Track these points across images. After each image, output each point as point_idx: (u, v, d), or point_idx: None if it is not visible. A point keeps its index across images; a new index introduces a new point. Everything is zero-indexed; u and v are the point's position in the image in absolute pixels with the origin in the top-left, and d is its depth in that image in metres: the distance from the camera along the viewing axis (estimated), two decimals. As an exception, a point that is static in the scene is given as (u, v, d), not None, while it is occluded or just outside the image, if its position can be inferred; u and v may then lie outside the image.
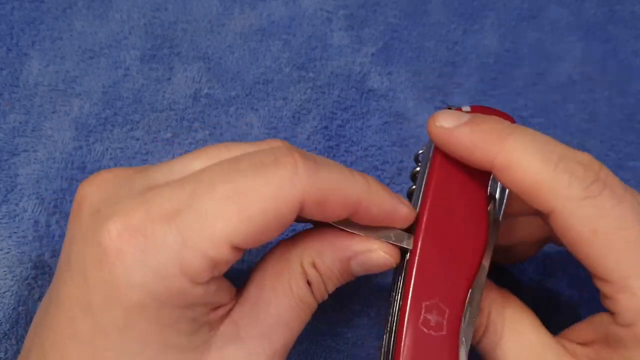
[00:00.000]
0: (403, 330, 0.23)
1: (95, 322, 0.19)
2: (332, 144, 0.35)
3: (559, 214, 0.22)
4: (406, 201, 0.24)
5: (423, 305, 0.23)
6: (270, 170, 0.20)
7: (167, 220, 0.19)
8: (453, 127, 0.23)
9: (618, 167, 0.36)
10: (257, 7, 0.37)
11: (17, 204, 0.32)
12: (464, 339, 0.23)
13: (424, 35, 0.38)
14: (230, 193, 0.19)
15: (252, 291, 0.23)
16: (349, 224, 0.23)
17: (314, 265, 0.23)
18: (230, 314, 0.22)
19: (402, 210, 0.23)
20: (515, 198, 0.25)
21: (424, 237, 0.24)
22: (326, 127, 0.35)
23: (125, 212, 0.19)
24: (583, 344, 0.24)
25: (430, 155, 0.25)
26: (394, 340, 0.23)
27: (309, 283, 0.23)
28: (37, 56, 0.35)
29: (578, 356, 0.23)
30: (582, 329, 0.25)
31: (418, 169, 0.26)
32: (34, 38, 0.35)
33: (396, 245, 0.24)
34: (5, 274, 0.31)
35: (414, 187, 0.26)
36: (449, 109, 0.26)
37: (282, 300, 0.22)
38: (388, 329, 0.24)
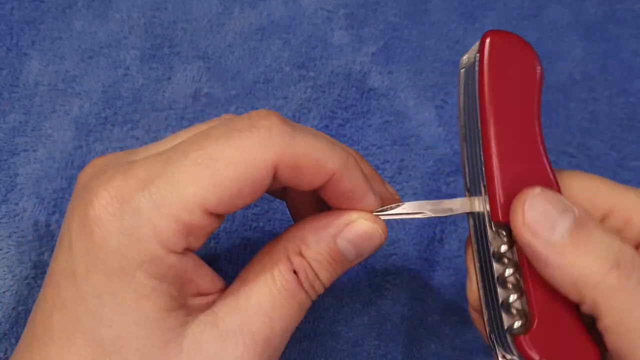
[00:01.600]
0: (530, 289, 0.21)
1: (78, 290, 0.20)
2: (332, 144, 0.35)
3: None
4: (375, 190, 0.23)
5: None
6: (244, 134, 0.20)
7: (142, 187, 0.20)
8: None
9: (619, 167, 0.36)
10: (257, 7, 0.37)
11: (16, 204, 0.32)
12: None
13: (424, 34, 0.38)
14: (202, 159, 0.20)
15: (236, 285, 0.22)
16: None
17: (300, 253, 0.22)
18: (212, 306, 0.22)
19: (369, 199, 0.23)
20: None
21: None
22: (326, 127, 0.35)
23: (106, 182, 0.20)
24: None
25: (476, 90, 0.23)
26: (520, 302, 0.22)
27: (295, 273, 0.22)
28: (37, 56, 0.35)
29: None
30: None
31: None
32: (34, 38, 0.35)
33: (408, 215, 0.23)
34: (5, 274, 0.30)
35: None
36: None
37: (264, 290, 0.22)
38: (493, 298, 0.23)
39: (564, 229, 0.20)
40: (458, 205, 0.24)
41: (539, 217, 0.20)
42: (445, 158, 0.35)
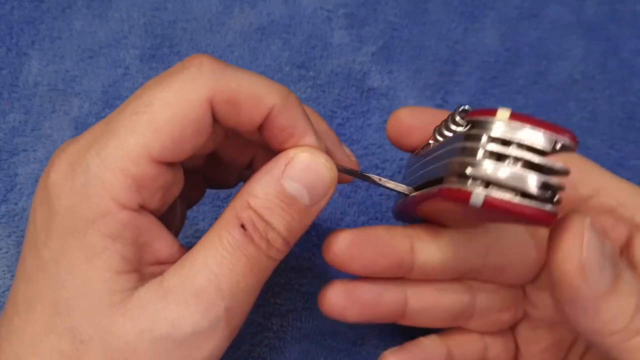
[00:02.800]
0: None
1: (38, 257, 0.20)
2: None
3: None
4: (316, 133, 0.23)
5: None
6: (174, 76, 0.20)
7: (89, 147, 0.20)
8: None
9: (619, 166, 0.36)
10: (257, 6, 0.37)
11: (16, 204, 0.32)
12: None
13: (424, 33, 0.38)
14: (138, 108, 0.20)
15: (189, 251, 0.22)
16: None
17: (248, 206, 0.21)
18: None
19: (310, 137, 0.22)
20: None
21: None
22: (326, 126, 0.35)
23: (60, 152, 0.21)
24: None
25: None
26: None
27: (243, 227, 0.21)
28: (36, 56, 0.35)
29: None
30: None
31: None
32: (34, 38, 0.35)
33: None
34: (5, 273, 0.30)
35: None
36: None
37: (210, 249, 0.21)
38: None
39: (610, 277, 0.19)
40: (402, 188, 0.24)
41: (595, 259, 0.18)
42: (445, 157, 0.35)
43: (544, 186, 0.17)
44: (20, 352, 0.20)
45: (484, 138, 0.18)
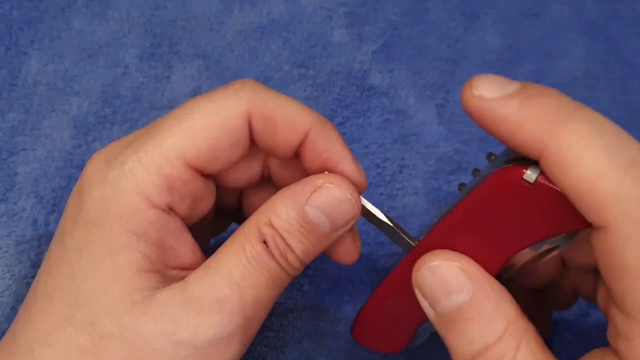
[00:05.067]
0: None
1: (63, 248, 0.20)
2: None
3: (612, 233, 0.17)
4: (359, 165, 0.23)
5: None
6: (218, 91, 0.21)
7: (128, 145, 0.21)
8: (497, 98, 0.19)
9: (621, 165, 0.35)
10: (256, 5, 0.37)
11: (15, 203, 0.32)
12: None
13: (424, 32, 0.37)
14: (180, 114, 0.21)
15: (210, 258, 0.22)
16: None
17: (270, 224, 0.21)
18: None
19: (347, 163, 0.22)
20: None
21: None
22: (326, 125, 0.35)
23: (101, 151, 0.22)
24: None
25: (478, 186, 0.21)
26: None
27: (265, 243, 0.21)
28: (36, 55, 0.35)
29: None
30: None
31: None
32: (33, 37, 0.35)
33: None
34: (4, 273, 0.30)
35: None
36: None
37: (233, 260, 0.21)
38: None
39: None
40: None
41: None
42: (446, 157, 0.35)
43: None
44: (34, 342, 0.20)
45: None
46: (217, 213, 0.26)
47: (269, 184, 0.26)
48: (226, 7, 0.37)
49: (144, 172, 0.20)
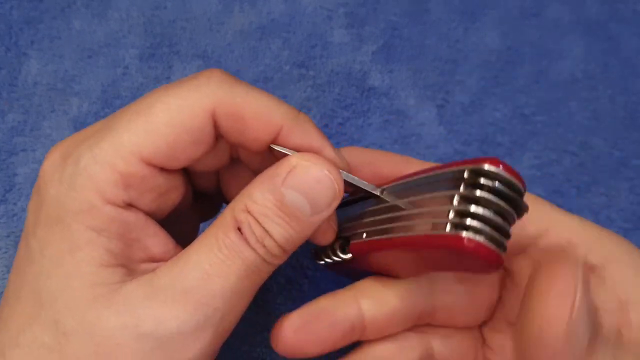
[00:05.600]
0: None
1: (27, 247, 0.20)
2: (332, 142, 0.34)
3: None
4: (334, 149, 0.22)
5: None
6: (182, 84, 0.20)
7: (84, 141, 0.20)
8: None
9: (621, 165, 0.35)
10: (256, 5, 0.37)
11: (15, 203, 0.31)
12: None
13: (424, 33, 0.37)
14: (139, 108, 0.20)
15: (183, 251, 0.21)
16: None
17: (246, 209, 0.20)
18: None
19: (328, 152, 0.22)
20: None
21: None
22: (326, 125, 0.35)
23: (58, 144, 0.21)
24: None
25: None
26: None
27: (240, 231, 0.20)
28: (35, 55, 0.35)
29: None
30: None
31: None
32: (33, 37, 0.35)
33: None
34: (4, 274, 0.30)
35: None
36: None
37: (204, 249, 0.20)
38: None
39: (587, 334, 0.19)
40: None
41: (582, 321, 0.18)
42: (446, 157, 0.35)
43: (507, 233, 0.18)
44: (5, 343, 0.20)
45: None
46: (201, 197, 0.25)
47: (243, 165, 0.25)
48: (226, 7, 0.37)
49: (98, 169, 0.19)
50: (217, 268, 0.20)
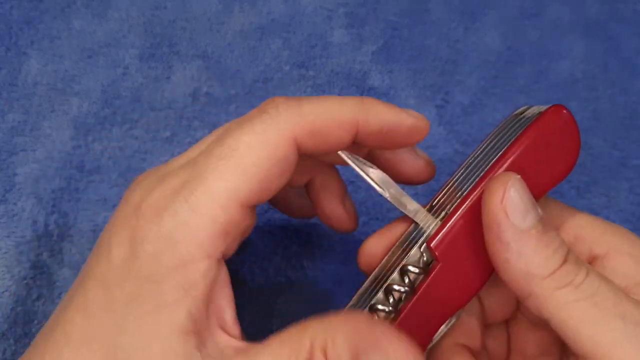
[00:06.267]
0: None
1: (109, 296, 0.20)
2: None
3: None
4: (412, 111, 0.23)
5: None
6: (255, 120, 0.20)
7: (176, 193, 0.20)
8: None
9: (621, 165, 0.35)
10: (256, 5, 0.37)
11: (15, 204, 0.31)
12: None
13: (424, 33, 0.37)
14: (224, 153, 0.20)
15: (254, 352, 0.20)
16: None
17: (324, 348, 0.19)
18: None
19: (407, 120, 0.22)
20: None
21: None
22: (326, 126, 0.35)
23: (146, 195, 0.20)
24: None
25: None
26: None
27: None
28: (35, 55, 0.35)
29: None
30: None
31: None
32: (33, 37, 0.35)
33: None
34: (4, 274, 0.30)
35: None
36: (527, 109, 0.24)
37: None
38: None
39: (532, 221, 0.21)
40: (412, 208, 0.24)
41: (517, 202, 0.21)
42: (445, 158, 0.35)
43: None
44: None
45: None
46: None
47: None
48: (226, 7, 0.37)
49: (199, 222, 0.19)
50: None
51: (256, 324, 0.30)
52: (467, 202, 0.22)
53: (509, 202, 0.20)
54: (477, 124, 0.36)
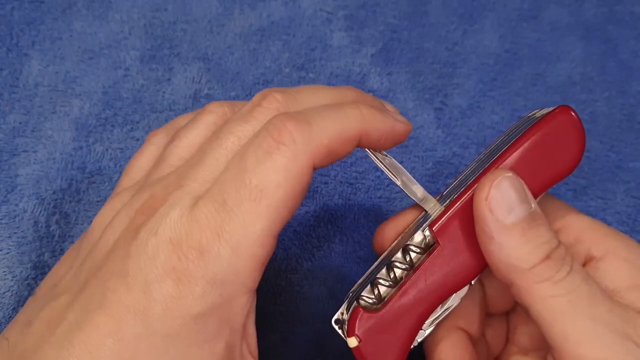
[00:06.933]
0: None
1: (148, 327, 0.20)
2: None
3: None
4: (400, 116, 0.25)
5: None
6: (274, 157, 0.21)
7: (217, 237, 0.21)
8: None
9: (618, 168, 0.36)
10: (256, 8, 0.37)
11: (17, 205, 0.32)
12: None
13: (423, 35, 0.38)
14: (254, 195, 0.21)
15: None
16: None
17: None
18: None
19: (399, 128, 0.24)
20: None
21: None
22: (326, 128, 0.35)
23: (184, 233, 0.21)
24: None
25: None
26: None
27: None
28: (37, 57, 0.35)
29: None
30: None
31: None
32: (34, 38, 0.35)
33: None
34: (5, 274, 0.31)
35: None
36: (537, 112, 0.26)
37: None
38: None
39: (517, 216, 0.22)
40: (421, 196, 0.25)
41: (500, 199, 0.22)
42: (444, 160, 0.35)
43: None
44: None
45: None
46: None
47: None
48: (226, 10, 0.37)
49: (242, 263, 0.21)
50: None
51: (256, 324, 0.31)
52: (468, 192, 0.24)
53: (493, 199, 0.22)
54: (475, 126, 0.36)
